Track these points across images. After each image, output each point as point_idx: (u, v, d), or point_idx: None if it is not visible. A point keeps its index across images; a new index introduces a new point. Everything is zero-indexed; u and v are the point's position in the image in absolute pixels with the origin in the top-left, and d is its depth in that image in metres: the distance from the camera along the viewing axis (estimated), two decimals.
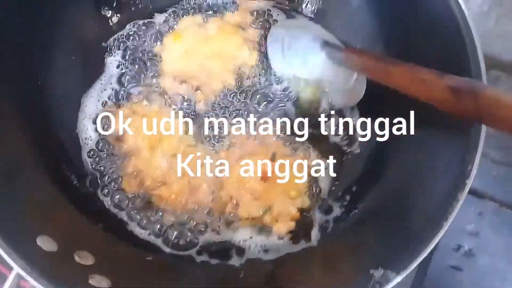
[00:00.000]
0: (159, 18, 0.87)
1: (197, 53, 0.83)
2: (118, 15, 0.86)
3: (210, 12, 0.88)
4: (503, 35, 0.98)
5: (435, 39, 0.69)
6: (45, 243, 0.60)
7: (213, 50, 0.83)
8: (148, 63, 0.84)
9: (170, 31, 0.86)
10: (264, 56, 0.85)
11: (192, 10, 0.87)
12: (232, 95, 0.83)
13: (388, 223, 0.67)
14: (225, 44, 0.84)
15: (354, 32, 0.85)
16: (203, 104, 0.82)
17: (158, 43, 0.85)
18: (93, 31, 0.84)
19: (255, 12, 0.87)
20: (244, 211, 0.75)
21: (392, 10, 0.78)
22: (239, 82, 0.84)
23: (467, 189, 0.59)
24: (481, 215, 0.90)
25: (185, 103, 0.82)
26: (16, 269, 0.55)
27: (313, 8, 0.90)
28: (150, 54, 0.84)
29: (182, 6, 0.88)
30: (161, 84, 0.83)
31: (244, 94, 0.83)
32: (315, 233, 0.75)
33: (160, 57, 0.84)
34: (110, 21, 0.86)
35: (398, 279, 0.58)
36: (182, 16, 0.87)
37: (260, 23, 0.87)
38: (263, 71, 0.85)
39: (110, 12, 0.86)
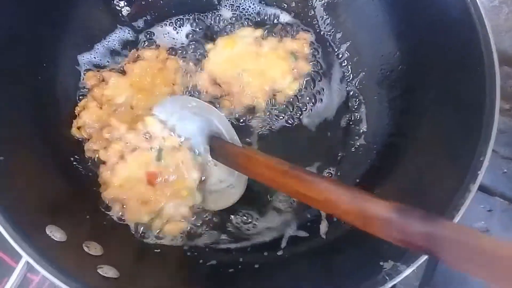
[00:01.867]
0: (226, 13, 0.89)
1: (241, 63, 0.84)
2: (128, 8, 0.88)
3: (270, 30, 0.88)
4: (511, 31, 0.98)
5: (448, 33, 0.69)
6: (55, 233, 0.60)
7: (257, 66, 0.84)
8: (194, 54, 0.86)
9: (228, 33, 0.88)
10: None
11: (254, 22, 0.89)
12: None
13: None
14: (271, 66, 0.84)
15: (365, 26, 0.85)
16: (224, 111, 0.83)
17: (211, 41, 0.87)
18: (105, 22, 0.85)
19: (313, 44, 0.88)
20: (131, 216, 0.73)
21: (404, 4, 0.77)
22: (269, 106, 0.84)
23: (479, 180, 0.59)
24: (491, 212, 0.88)
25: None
26: (25, 258, 0.55)
27: (323, 1, 0.89)
28: (201, 47, 0.86)
29: (249, 15, 0.90)
30: (196, 77, 0.84)
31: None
32: (323, 227, 0.74)
33: (207, 54, 0.85)
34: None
35: (408, 271, 0.57)
36: (244, 24, 0.89)
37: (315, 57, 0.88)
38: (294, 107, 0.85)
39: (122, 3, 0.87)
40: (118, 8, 0.87)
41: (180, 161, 0.73)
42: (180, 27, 0.88)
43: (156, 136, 0.74)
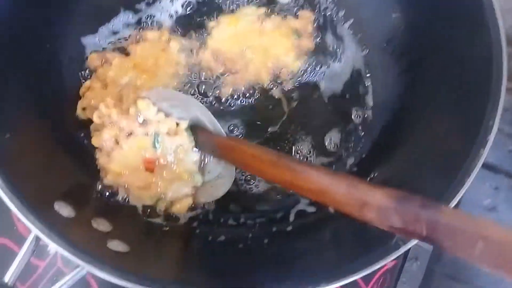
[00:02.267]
0: None
1: (244, 40, 0.84)
2: None
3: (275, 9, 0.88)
4: None
5: (455, 5, 0.69)
6: (63, 209, 0.60)
7: (260, 44, 0.84)
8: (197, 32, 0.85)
9: (230, 11, 0.87)
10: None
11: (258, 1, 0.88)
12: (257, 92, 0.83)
13: (413, 182, 0.66)
14: (274, 43, 0.84)
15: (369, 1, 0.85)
16: (228, 89, 0.83)
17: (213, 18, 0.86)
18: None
19: (316, 24, 0.87)
20: (135, 200, 0.72)
21: None
22: (271, 84, 0.84)
23: (489, 145, 0.59)
24: (497, 190, 0.89)
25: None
26: (35, 232, 0.55)
27: None
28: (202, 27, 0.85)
29: None
30: (199, 55, 0.84)
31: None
32: None
33: (210, 32, 0.85)
34: None
35: None
36: (248, 2, 0.88)
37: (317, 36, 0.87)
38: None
39: None
40: None
41: (178, 144, 0.71)
42: (183, 6, 0.87)
43: (151, 120, 0.71)
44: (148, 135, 0.71)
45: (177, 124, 0.72)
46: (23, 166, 0.60)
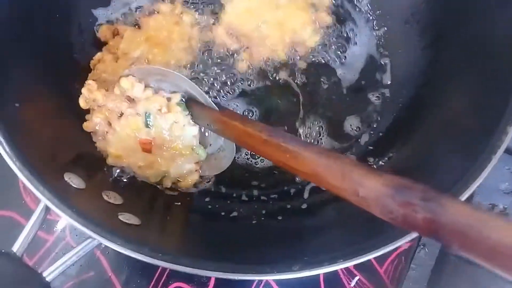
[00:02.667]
0: None
1: (259, 14, 0.81)
2: None
3: None
4: None
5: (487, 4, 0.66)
6: (73, 180, 0.58)
7: (276, 18, 0.81)
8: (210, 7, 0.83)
9: None
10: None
11: None
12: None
13: (431, 163, 0.64)
14: (291, 17, 0.81)
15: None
16: (244, 64, 0.81)
17: None
18: None
19: None
20: (141, 178, 0.70)
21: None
22: (289, 58, 0.82)
23: None
24: None
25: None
26: (44, 202, 0.53)
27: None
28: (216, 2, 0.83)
29: None
30: (213, 31, 0.82)
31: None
32: None
33: (224, 6, 0.82)
34: None
35: None
36: None
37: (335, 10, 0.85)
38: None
39: None
40: None
41: (172, 121, 0.67)
42: None
43: (139, 99, 0.67)
44: (139, 114, 0.67)
45: (169, 100, 0.68)
46: (33, 136, 0.59)
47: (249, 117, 0.78)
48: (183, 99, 0.68)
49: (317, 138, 0.79)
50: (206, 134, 0.71)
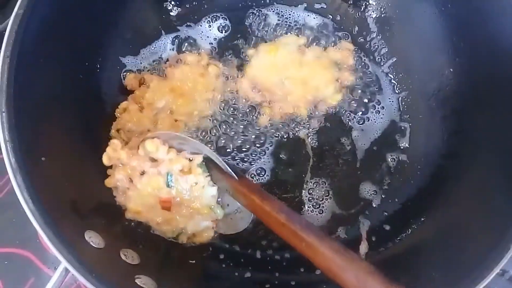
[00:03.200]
0: (273, 18, 0.88)
1: (283, 71, 0.83)
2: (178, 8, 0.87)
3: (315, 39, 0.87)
4: None
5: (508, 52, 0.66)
6: (93, 239, 0.59)
7: (300, 75, 0.82)
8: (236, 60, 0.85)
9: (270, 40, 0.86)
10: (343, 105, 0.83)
11: (297, 30, 0.87)
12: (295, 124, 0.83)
13: (448, 248, 0.63)
14: (314, 75, 0.83)
15: (416, 41, 0.83)
16: (265, 119, 0.82)
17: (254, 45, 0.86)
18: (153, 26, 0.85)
19: (356, 56, 0.86)
20: (158, 232, 0.71)
21: (464, 18, 0.73)
22: (310, 115, 0.83)
23: None
24: None
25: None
26: (64, 264, 0.54)
27: (374, 15, 0.87)
28: (243, 53, 0.85)
29: (294, 23, 0.88)
30: (237, 83, 0.83)
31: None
32: (363, 248, 0.72)
33: (249, 60, 0.84)
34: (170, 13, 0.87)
35: None
36: (287, 32, 0.87)
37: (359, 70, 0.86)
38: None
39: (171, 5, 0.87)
40: (168, 8, 0.87)
41: (193, 182, 0.68)
42: (223, 31, 0.86)
43: (162, 159, 0.69)
44: (161, 174, 0.68)
45: (190, 160, 0.69)
46: (56, 192, 0.60)
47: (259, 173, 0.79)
48: (204, 161, 0.69)
49: (323, 198, 0.79)
50: (224, 194, 0.71)
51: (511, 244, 0.55)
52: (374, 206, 0.79)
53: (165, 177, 0.68)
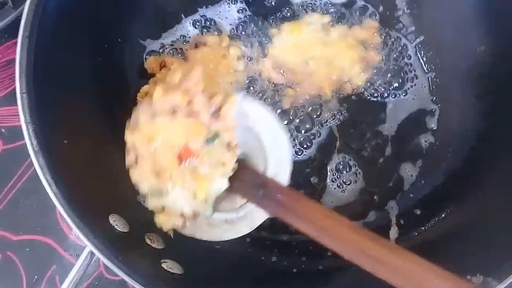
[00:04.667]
0: None
1: (307, 51, 0.80)
2: None
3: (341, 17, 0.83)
4: None
5: None
6: (118, 223, 0.58)
7: (324, 55, 0.79)
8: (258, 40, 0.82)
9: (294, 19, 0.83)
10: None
11: (324, 8, 0.84)
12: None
13: (481, 234, 0.61)
14: (339, 54, 0.79)
15: (446, 19, 0.79)
16: (288, 101, 0.79)
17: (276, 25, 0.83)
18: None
19: (383, 35, 0.82)
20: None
21: None
22: (335, 96, 0.80)
23: None
24: None
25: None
26: (89, 248, 0.53)
27: None
28: (265, 33, 0.82)
29: (318, 1, 0.84)
30: (259, 64, 0.81)
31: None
32: (393, 233, 0.70)
33: (271, 40, 0.81)
34: None
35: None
36: (312, 10, 0.84)
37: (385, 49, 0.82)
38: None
39: None
40: None
41: (223, 161, 0.62)
42: (243, 11, 0.83)
43: (224, 118, 0.62)
44: (209, 129, 0.61)
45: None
46: (79, 176, 0.59)
47: None
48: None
49: (351, 181, 0.77)
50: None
51: None
52: (405, 189, 0.76)
53: (211, 134, 0.61)
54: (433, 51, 0.80)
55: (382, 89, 0.80)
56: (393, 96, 0.80)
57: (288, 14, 0.83)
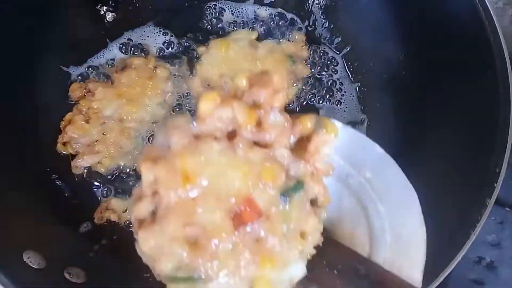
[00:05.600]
0: (221, 14, 0.85)
1: (235, 67, 0.80)
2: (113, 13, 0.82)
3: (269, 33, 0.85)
4: None
5: (456, 35, 0.65)
6: (32, 259, 0.55)
7: (252, 70, 0.79)
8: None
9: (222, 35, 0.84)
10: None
11: (248, 25, 0.85)
12: None
13: None
14: (268, 69, 0.76)
15: (367, 29, 0.81)
16: None
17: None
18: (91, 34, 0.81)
19: (311, 49, 0.83)
20: None
21: (411, 3, 0.72)
22: None
23: (495, 194, 0.54)
24: (502, 225, 0.84)
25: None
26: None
27: (320, 4, 0.85)
28: (193, 52, 0.82)
29: (245, 18, 0.85)
30: (189, 83, 0.80)
31: None
32: None
33: (199, 58, 0.81)
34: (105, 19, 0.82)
35: None
36: (241, 26, 0.84)
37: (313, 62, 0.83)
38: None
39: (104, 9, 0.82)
40: (101, 13, 0.82)
41: (304, 228, 0.40)
42: (170, 33, 0.83)
43: (315, 157, 0.40)
44: (289, 173, 0.40)
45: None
46: None
47: None
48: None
49: None
50: None
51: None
52: None
53: (293, 182, 0.39)
54: (359, 61, 0.81)
55: (313, 101, 0.81)
56: (323, 107, 0.81)
57: (216, 31, 0.84)
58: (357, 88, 0.81)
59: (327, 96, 0.81)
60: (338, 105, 0.81)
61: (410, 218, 0.43)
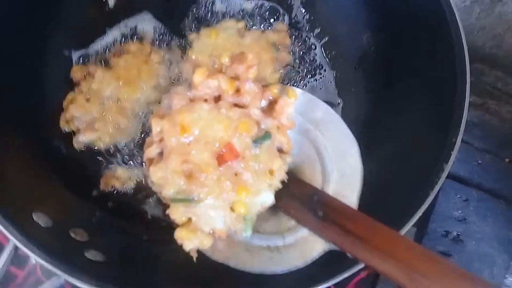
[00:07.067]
0: (218, 7, 0.91)
1: (223, 52, 0.80)
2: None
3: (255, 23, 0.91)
4: (483, 29, 1.01)
5: (422, 28, 0.73)
6: (40, 219, 0.61)
7: (233, 51, 0.82)
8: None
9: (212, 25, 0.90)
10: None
11: (239, 14, 0.91)
12: None
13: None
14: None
15: (342, 20, 0.88)
16: None
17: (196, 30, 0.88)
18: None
19: (294, 37, 0.90)
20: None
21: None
22: None
23: (452, 159, 0.61)
24: (467, 202, 0.91)
25: None
26: (13, 241, 0.56)
27: None
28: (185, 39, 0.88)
29: (233, 9, 0.91)
30: (180, 67, 0.86)
31: None
32: None
33: (191, 44, 0.87)
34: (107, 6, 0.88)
35: None
36: (228, 16, 0.91)
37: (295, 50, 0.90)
38: None
39: None
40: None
41: (272, 167, 0.52)
42: (165, 19, 0.89)
43: (279, 115, 0.53)
44: (260, 126, 0.52)
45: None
46: (2, 177, 0.62)
47: None
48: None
49: None
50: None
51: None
52: None
53: (262, 132, 0.52)
54: (335, 49, 0.89)
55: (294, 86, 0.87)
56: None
57: (207, 21, 0.91)
58: (334, 74, 0.88)
59: (308, 82, 0.88)
60: (317, 89, 0.88)
61: (351, 159, 0.57)
